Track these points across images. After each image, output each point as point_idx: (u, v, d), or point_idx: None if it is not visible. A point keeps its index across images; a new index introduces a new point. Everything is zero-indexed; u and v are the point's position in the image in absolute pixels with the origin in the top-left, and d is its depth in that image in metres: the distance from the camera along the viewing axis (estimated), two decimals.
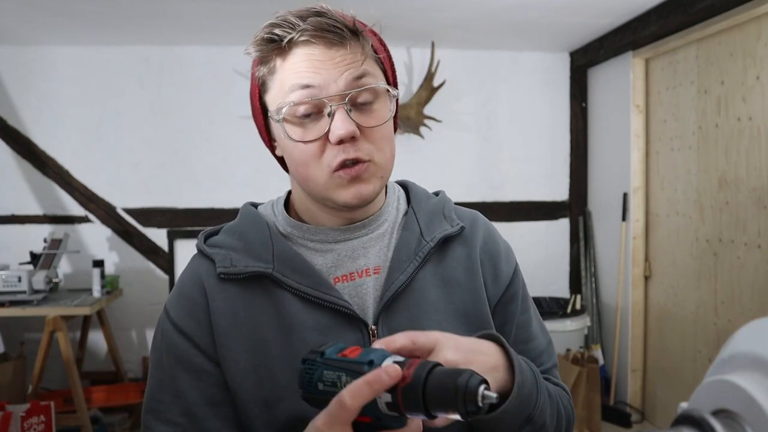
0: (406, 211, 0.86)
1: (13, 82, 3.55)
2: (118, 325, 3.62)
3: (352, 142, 0.72)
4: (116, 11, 2.93)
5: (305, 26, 0.71)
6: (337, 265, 0.80)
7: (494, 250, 0.88)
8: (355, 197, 0.74)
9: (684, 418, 0.43)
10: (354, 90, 0.72)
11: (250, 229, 0.82)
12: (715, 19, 2.64)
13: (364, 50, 0.74)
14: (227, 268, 0.77)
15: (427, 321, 0.79)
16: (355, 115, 0.73)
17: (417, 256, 0.81)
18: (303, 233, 0.81)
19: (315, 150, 0.74)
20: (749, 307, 2.58)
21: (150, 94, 3.62)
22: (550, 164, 3.90)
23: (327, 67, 0.71)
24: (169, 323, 0.78)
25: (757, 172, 2.54)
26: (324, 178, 0.74)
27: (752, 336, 0.43)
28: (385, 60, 0.79)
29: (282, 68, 0.74)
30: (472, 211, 0.92)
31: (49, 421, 2.78)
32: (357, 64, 0.72)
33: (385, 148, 0.76)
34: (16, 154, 3.57)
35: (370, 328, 0.77)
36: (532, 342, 0.88)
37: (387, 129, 0.77)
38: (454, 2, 2.84)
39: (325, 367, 0.63)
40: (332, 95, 0.71)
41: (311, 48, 0.72)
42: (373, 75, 0.74)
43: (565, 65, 3.88)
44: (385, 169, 0.77)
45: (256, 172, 3.62)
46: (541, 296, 3.72)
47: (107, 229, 3.64)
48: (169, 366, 0.77)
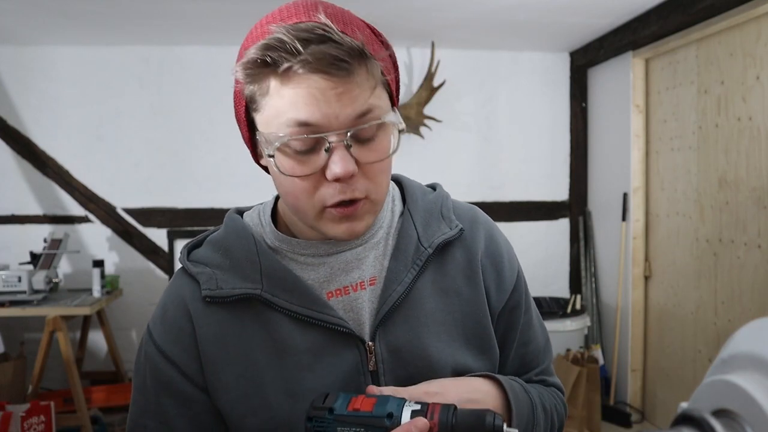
0: (402, 212, 0.82)
1: (13, 82, 3.55)
2: (118, 325, 3.62)
3: (349, 180, 0.66)
4: (116, 11, 2.93)
5: (306, 56, 0.61)
6: (330, 280, 0.75)
7: (497, 254, 0.83)
8: (346, 233, 0.70)
9: (684, 418, 0.43)
10: (357, 128, 0.65)
11: (235, 243, 0.76)
12: (715, 19, 2.64)
13: (373, 77, 0.66)
14: (213, 291, 0.72)
15: (427, 334, 0.76)
16: (355, 150, 0.66)
17: (415, 265, 0.76)
18: (292, 247, 0.76)
19: (308, 185, 0.67)
20: (749, 307, 2.58)
21: (150, 94, 3.62)
22: (550, 164, 3.90)
23: (329, 101, 0.63)
24: (154, 347, 0.74)
25: (757, 172, 2.54)
26: (315, 212, 0.69)
27: (752, 336, 0.43)
28: (393, 81, 0.71)
29: (277, 94, 0.64)
30: (471, 208, 0.87)
31: (49, 421, 2.78)
32: (363, 98, 0.64)
33: (382, 182, 0.71)
34: (16, 154, 3.57)
35: (367, 345, 0.74)
36: (532, 343, 0.87)
37: (387, 163, 0.71)
38: (454, 2, 2.84)
39: (338, 424, 0.60)
40: (333, 131, 0.64)
41: (311, 79, 0.62)
42: (379, 106, 0.66)
43: (565, 65, 3.88)
44: (379, 203, 0.72)
45: (256, 172, 3.57)
46: (541, 296, 3.72)
47: (107, 229, 3.64)
48: (154, 392, 0.74)
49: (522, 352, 0.85)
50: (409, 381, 0.74)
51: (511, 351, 0.85)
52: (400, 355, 0.74)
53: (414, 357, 0.74)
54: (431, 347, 0.75)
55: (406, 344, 0.75)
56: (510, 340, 0.84)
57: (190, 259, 0.77)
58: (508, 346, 0.85)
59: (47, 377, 3.29)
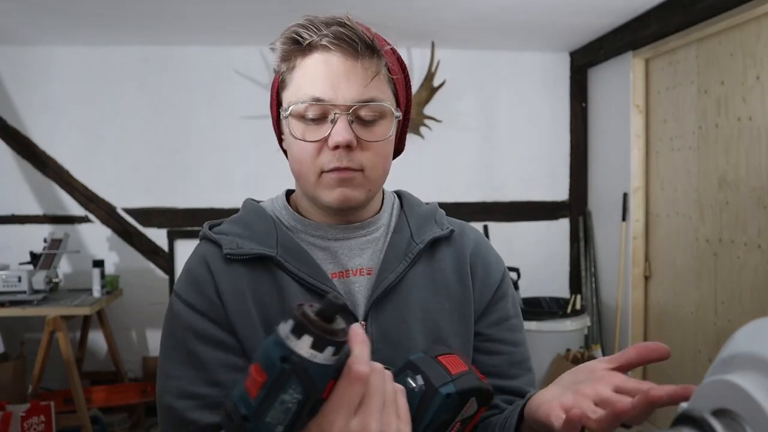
0: (399, 216, 0.90)
1: (13, 82, 3.55)
2: (118, 325, 3.62)
3: (347, 151, 0.77)
4: (116, 11, 2.93)
5: (327, 32, 0.75)
6: (335, 262, 0.84)
7: (485, 252, 0.92)
8: (339, 199, 0.78)
9: (684, 418, 0.43)
10: (358, 103, 0.76)
11: (254, 219, 0.86)
12: (715, 19, 2.64)
13: (377, 68, 0.77)
14: (233, 250, 0.81)
15: (414, 319, 0.83)
16: (356, 127, 0.77)
17: (407, 257, 0.85)
18: (305, 227, 0.85)
19: (313, 150, 0.78)
20: (749, 307, 2.58)
21: (150, 94, 3.62)
22: (550, 164, 3.90)
23: (339, 79, 0.76)
24: (183, 304, 0.80)
25: (757, 172, 2.54)
26: (315, 177, 0.79)
27: (752, 336, 0.43)
28: (399, 82, 0.82)
29: (300, 70, 0.78)
30: (463, 222, 0.96)
31: (49, 421, 2.78)
32: (366, 80, 0.76)
33: (378, 165, 0.80)
34: (16, 154, 3.57)
35: (360, 323, 0.81)
36: (521, 346, 0.91)
37: (384, 147, 0.80)
38: (454, 2, 2.84)
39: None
40: (338, 105, 0.76)
41: (328, 55, 0.76)
42: (380, 95, 0.78)
43: (565, 65, 3.88)
44: (373, 183, 0.81)
45: (256, 172, 3.62)
46: (541, 296, 3.72)
47: (107, 229, 3.64)
48: (185, 343, 0.78)
49: (510, 350, 0.88)
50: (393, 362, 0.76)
51: (498, 345, 0.88)
52: (389, 336, 0.81)
53: (401, 338, 0.82)
54: (417, 333, 0.82)
55: (395, 327, 0.82)
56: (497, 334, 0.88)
57: (213, 231, 0.86)
58: (495, 338, 0.88)
59: (47, 377, 3.29)
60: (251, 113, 3.62)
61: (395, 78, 0.81)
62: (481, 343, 0.88)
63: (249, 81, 3.62)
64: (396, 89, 0.82)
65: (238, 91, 3.62)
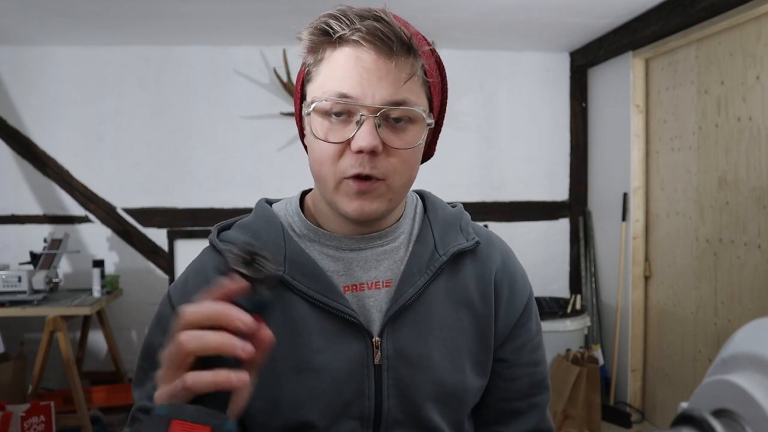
0: (422, 220, 0.85)
1: (13, 82, 3.55)
2: (118, 325, 3.62)
3: (372, 157, 0.70)
4: (116, 11, 2.93)
5: (360, 26, 0.68)
6: (348, 274, 0.79)
7: (512, 270, 0.87)
8: (357, 211, 0.73)
9: (684, 418, 0.43)
10: (388, 106, 0.69)
11: (264, 228, 0.80)
12: (715, 19, 2.64)
13: (412, 69, 0.71)
14: None
15: (433, 338, 0.78)
16: (383, 131, 0.70)
17: (429, 270, 0.79)
18: (318, 237, 0.80)
19: (334, 152, 0.72)
20: (749, 307, 2.58)
21: (150, 94, 3.62)
22: (550, 164, 3.90)
23: (370, 77, 0.69)
24: (170, 308, 0.77)
25: (757, 172, 2.54)
26: (335, 182, 0.73)
27: (752, 336, 0.43)
28: (435, 86, 0.75)
29: (327, 63, 0.71)
30: (489, 230, 0.90)
31: (49, 421, 2.78)
32: (399, 82, 0.70)
33: (403, 173, 0.73)
34: (16, 154, 3.57)
35: (374, 340, 0.77)
36: (541, 365, 0.88)
37: (411, 155, 0.74)
38: (454, 2, 2.84)
39: None
40: (366, 106, 0.69)
41: (359, 51, 0.69)
42: (413, 98, 0.71)
43: (565, 65, 3.88)
44: (396, 193, 0.74)
45: (256, 172, 3.62)
46: (541, 296, 3.72)
47: (107, 229, 3.64)
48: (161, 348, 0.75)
49: (531, 371, 0.86)
50: (411, 381, 0.76)
51: (520, 369, 0.86)
52: (405, 354, 0.77)
53: (418, 358, 0.77)
54: (435, 351, 0.78)
55: (412, 345, 0.78)
56: (520, 358, 0.85)
57: (220, 238, 0.81)
58: (518, 363, 0.85)
59: (47, 377, 3.29)
60: (251, 113, 3.63)
61: (431, 81, 0.74)
62: (505, 370, 0.85)
63: (249, 81, 3.62)
64: (431, 93, 0.75)
65: (237, 91, 3.62)
